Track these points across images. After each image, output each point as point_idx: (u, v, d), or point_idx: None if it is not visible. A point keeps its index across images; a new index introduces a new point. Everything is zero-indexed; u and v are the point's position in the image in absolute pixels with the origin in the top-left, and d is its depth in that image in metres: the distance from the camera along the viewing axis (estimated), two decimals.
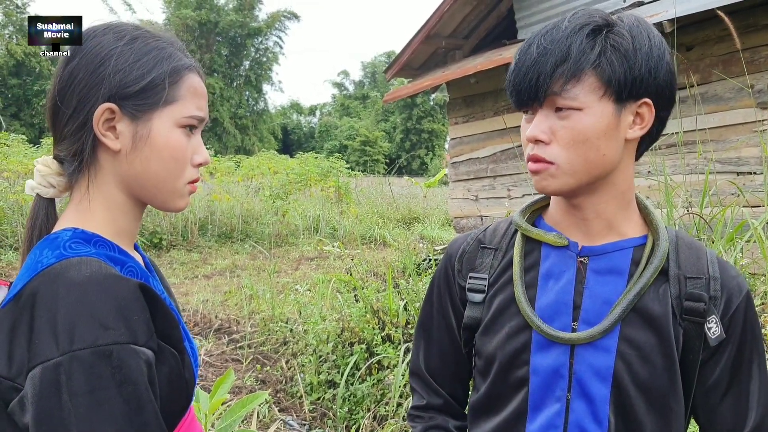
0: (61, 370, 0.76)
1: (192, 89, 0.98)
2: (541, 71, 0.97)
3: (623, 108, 0.99)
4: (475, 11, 8.02)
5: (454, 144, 8.36)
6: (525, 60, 0.99)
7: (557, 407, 1.04)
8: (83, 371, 0.77)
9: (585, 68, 0.96)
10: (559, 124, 0.98)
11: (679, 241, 1.08)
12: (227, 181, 13.70)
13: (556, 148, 0.99)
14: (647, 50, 0.97)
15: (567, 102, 0.97)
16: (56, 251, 0.87)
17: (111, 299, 0.81)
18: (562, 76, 0.96)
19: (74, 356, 0.77)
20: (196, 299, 6.32)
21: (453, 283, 1.21)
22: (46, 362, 0.77)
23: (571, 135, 0.98)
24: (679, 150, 3.64)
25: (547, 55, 0.97)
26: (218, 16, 39.76)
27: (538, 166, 1.01)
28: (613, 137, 0.99)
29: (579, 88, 0.96)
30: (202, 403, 2.36)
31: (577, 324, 1.05)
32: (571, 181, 1.01)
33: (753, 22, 4.83)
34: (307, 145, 49.16)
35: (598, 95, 0.97)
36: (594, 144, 0.98)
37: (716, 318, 1.01)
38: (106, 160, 0.95)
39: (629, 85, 0.97)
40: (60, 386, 0.76)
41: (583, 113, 0.97)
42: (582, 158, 0.99)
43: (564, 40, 0.97)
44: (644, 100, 1.00)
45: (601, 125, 0.97)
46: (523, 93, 1.00)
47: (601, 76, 0.96)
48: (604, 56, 0.96)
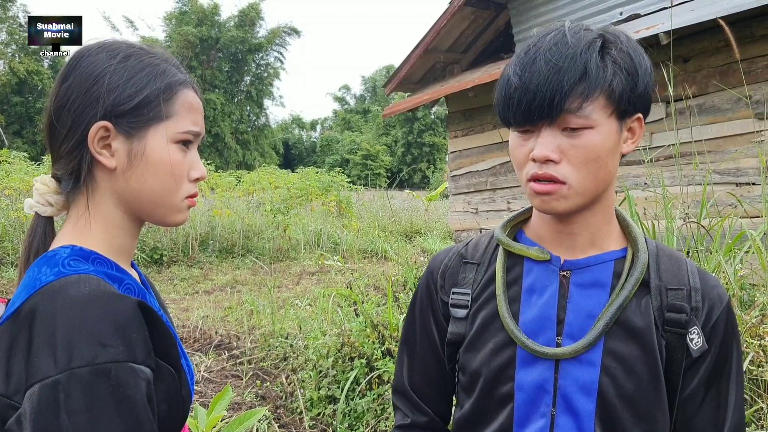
0: (60, 388, 0.76)
1: (187, 104, 0.98)
2: (556, 89, 0.94)
3: (623, 124, 1.01)
4: (473, 26, 8.08)
5: (454, 157, 8.38)
6: (533, 77, 0.96)
7: (542, 423, 1.04)
8: (81, 389, 0.77)
9: (601, 87, 0.95)
10: (569, 142, 0.97)
11: (659, 252, 1.09)
12: (228, 196, 13.72)
13: (567, 167, 0.98)
14: (645, 68, 0.99)
15: (581, 120, 0.96)
16: (55, 268, 0.87)
17: (110, 317, 0.82)
18: (581, 94, 0.94)
19: (72, 374, 0.77)
20: (197, 315, 6.30)
21: (435, 299, 1.20)
22: (45, 380, 0.77)
23: (584, 154, 0.97)
24: (677, 161, 3.65)
25: (561, 72, 0.94)
26: (219, 32, 39.98)
27: (549, 188, 0.99)
28: (616, 154, 1.01)
29: (592, 106, 0.96)
30: (200, 420, 2.36)
31: (561, 338, 1.05)
32: (580, 201, 1.01)
33: (750, 33, 4.85)
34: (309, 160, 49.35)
35: (607, 113, 0.97)
36: (604, 161, 0.99)
37: (698, 329, 1.02)
38: (102, 178, 0.96)
39: (632, 102, 0.98)
40: (58, 404, 0.76)
41: (595, 131, 0.97)
42: (593, 176, 0.99)
43: (578, 57, 0.95)
44: (638, 115, 1.02)
45: (609, 143, 0.98)
46: (534, 111, 0.96)
47: (610, 95, 0.96)
48: (616, 76, 0.96)
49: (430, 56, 8.21)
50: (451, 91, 7.48)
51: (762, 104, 4.86)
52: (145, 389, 0.82)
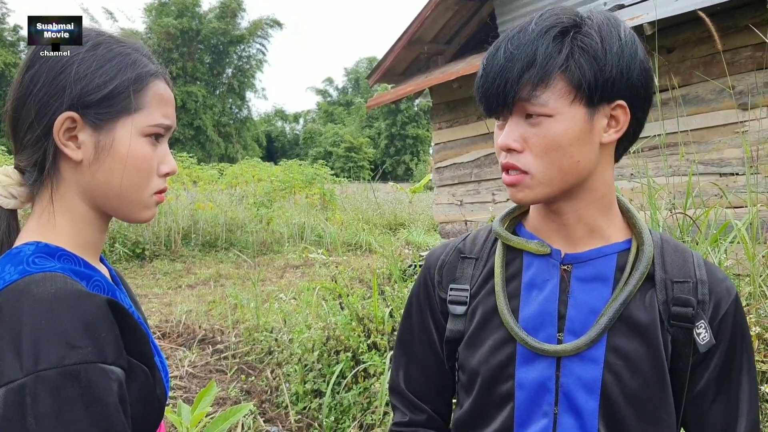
0: (26, 392, 0.73)
1: (158, 97, 0.94)
2: (508, 77, 0.93)
3: (596, 112, 0.95)
4: (457, 16, 8.06)
5: (438, 149, 8.38)
6: (492, 66, 0.95)
7: (544, 422, 1.01)
8: (49, 393, 0.73)
9: (552, 72, 0.92)
10: (531, 131, 0.95)
11: (664, 244, 1.05)
12: (211, 189, 13.64)
13: (529, 156, 0.96)
14: (618, 50, 0.93)
15: (537, 108, 0.93)
16: (19, 267, 0.83)
17: (78, 316, 0.78)
18: (530, 81, 0.92)
19: (39, 377, 0.73)
20: (180, 309, 6.25)
21: (433, 296, 1.16)
22: (10, 384, 0.73)
23: (543, 143, 0.94)
24: (662, 152, 3.65)
25: (513, 60, 0.93)
26: (200, 23, 39.60)
27: (514, 178, 0.98)
28: (586, 142, 0.96)
29: (548, 93, 0.92)
30: (184, 417, 2.32)
31: (563, 335, 1.01)
32: (547, 191, 0.98)
33: (733, 23, 4.86)
34: (292, 153, 49.16)
35: (568, 100, 0.93)
36: (567, 151, 0.94)
37: (705, 323, 0.98)
38: (68, 171, 0.91)
39: (600, 87, 0.93)
40: (25, 409, 0.73)
41: (554, 120, 0.93)
42: (556, 166, 0.95)
43: (530, 44, 0.93)
44: (618, 102, 0.96)
45: (573, 131, 0.94)
46: (492, 100, 0.96)
47: (570, 80, 0.92)
48: (572, 59, 0.92)
49: (413, 47, 8.18)
50: (435, 83, 7.47)
51: (745, 95, 4.89)
52: (116, 390, 0.79)
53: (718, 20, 4.84)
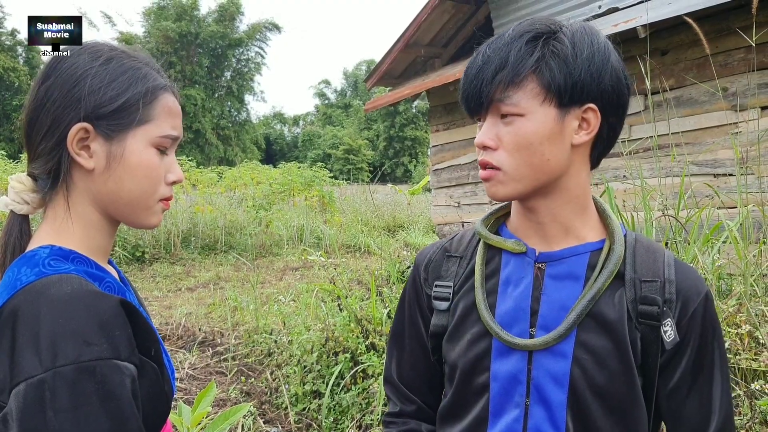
0: (45, 387, 0.77)
1: (167, 109, 0.99)
2: (483, 78, 1.00)
3: (567, 113, 1.00)
4: (453, 20, 8.10)
5: (436, 151, 8.41)
6: (471, 69, 1.03)
7: (516, 413, 1.06)
8: (67, 387, 0.78)
9: (523, 74, 0.98)
10: (504, 130, 1.01)
11: (637, 244, 1.09)
12: (210, 192, 13.64)
13: (502, 153, 1.02)
14: (588, 55, 0.98)
15: (509, 108, 0.99)
16: (35, 269, 0.87)
17: (93, 315, 0.82)
18: (502, 82, 0.98)
19: (57, 372, 0.78)
20: (180, 312, 6.28)
21: (421, 292, 1.22)
22: (30, 379, 0.77)
23: (514, 140, 1.00)
24: (655, 153, 3.69)
25: (489, 62, 1.00)
26: (199, 27, 39.63)
27: (487, 173, 1.04)
28: (557, 142, 1.01)
29: (520, 94, 0.99)
30: (185, 417, 2.35)
31: (535, 330, 1.06)
32: (519, 187, 1.03)
33: (726, 26, 4.91)
34: (291, 155, 49.11)
35: (539, 101, 0.99)
36: (537, 149, 1.00)
37: (671, 321, 1.02)
38: (79, 179, 0.96)
39: (570, 89, 0.98)
40: (44, 403, 0.77)
41: (525, 119, 0.99)
42: (526, 163, 1.01)
43: (504, 47, 1.00)
44: (589, 105, 1.01)
45: (543, 130, 0.99)
46: (470, 101, 1.04)
47: (540, 82, 0.98)
48: (542, 61, 0.98)
49: (411, 50, 8.22)
50: (432, 86, 7.51)
51: (738, 96, 4.93)
52: (129, 386, 0.83)
53: (711, 23, 4.89)
